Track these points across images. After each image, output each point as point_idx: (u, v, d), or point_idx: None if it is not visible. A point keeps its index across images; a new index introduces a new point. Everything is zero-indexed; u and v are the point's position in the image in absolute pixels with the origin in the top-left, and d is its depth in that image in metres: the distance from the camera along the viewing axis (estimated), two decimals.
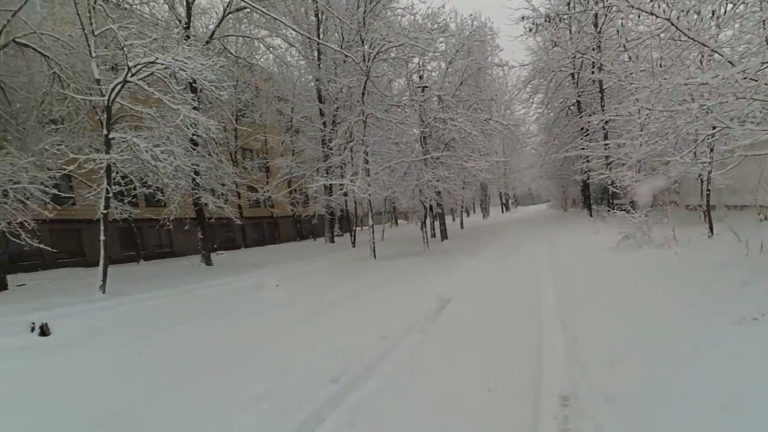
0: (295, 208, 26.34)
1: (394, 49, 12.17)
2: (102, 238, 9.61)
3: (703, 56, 7.83)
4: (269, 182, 24.00)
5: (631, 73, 14.52)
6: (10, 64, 11.72)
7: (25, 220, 9.03)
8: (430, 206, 18.25)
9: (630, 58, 17.31)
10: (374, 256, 13.97)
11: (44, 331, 6.41)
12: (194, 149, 14.15)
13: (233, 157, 27.31)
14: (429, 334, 5.04)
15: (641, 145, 12.26)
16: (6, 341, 5.92)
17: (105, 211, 9.60)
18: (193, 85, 14.00)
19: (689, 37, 5.29)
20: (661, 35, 6.18)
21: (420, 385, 3.60)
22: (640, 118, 12.52)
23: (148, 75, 9.90)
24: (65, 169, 10.29)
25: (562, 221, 22.18)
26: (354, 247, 20.42)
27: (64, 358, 5.28)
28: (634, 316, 4.27)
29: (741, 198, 10.43)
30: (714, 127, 8.81)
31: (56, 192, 9.89)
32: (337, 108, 16.94)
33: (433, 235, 21.78)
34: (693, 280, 5.13)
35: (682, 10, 5.29)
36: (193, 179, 14.64)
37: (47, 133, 11.90)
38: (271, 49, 17.14)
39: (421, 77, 14.95)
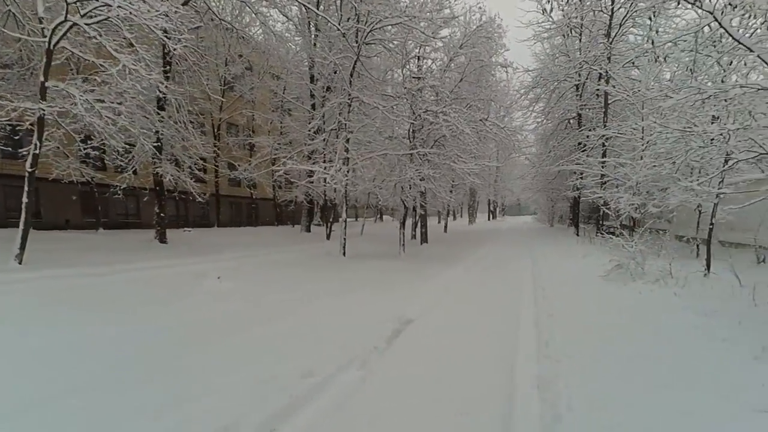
0: (277, 191, 25.08)
1: (390, 29, 11.00)
2: (24, 200, 8.26)
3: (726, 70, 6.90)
4: (250, 161, 22.59)
5: (639, 90, 13.76)
6: None
7: None
8: (414, 207, 17.25)
9: (639, 71, 16.45)
10: (343, 254, 12.85)
11: None
12: (159, 114, 12.81)
13: (215, 130, 25.92)
14: (370, 373, 3.92)
15: (644, 167, 11.48)
16: None
17: (31, 170, 8.25)
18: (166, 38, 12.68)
19: (733, 38, 4.28)
20: (699, 35, 5.15)
21: None
22: (645, 137, 11.73)
23: (104, 19, 8.63)
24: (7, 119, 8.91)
25: (549, 238, 21.35)
26: (328, 239, 19.29)
27: None
28: (638, 399, 3.22)
29: (738, 236, 9.63)
30: (728, 155, 8.03)
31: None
32: (327, 89, 15.66)
33: (414, 237, 20.81)
34: (704, 342, 4.12)
35: (730, 4, 4.27)
36: (156, 146, 13.33)
37: None
38: (258, 15, 15.69)
39: (419, 68, 13.82)
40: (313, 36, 17.34)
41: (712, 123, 7.90)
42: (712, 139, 8.03)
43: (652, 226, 11.16)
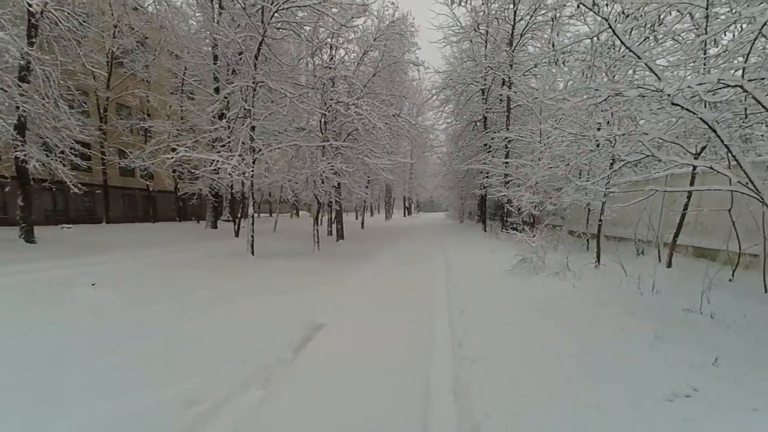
0: (178, 183, 22.58)
1: (299, 12, 10.30)
2: None
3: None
4: (144, 148, 19.94)
5: (537, 97, 14.90)
6: None
7: None
8: (329, 202, 16.71)
9: (537, 81, 17.85)
10: (252, 253, 11.89)
11: None
12: (20, 86, 10.55)
13: (101, 110, 22.56)
14: (271, 393, 3.40)
15: (542, 168, 12.41)
16: None
17: None
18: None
19: (624, 45, 4.56)
20: (595, 41, 5.46)
21: None
22: (543, 141, 12.70)
23: None
24: None
25: (459, 233, 22.34)
26: (237, 237, 17.89)
27: None
28: (552, 396, 3.19)
29: (620, 231, 10.82)
30: (613, 160, 8.92)
31: None
32: (233, 72, 14.36)
33: (330, 233, 20.28)
34: (605, 332, 4.33)
35: (622, 12, 4.55)
36: (17, 126, 10.99)
37: None
38: None
39: (332, 58, 13.29)
40: (216, 13, 15.80)
41: (599, 129, 8.64)
42: (598, 144, 8.84)
43: (549, 223, 12.10)
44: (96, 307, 5.91)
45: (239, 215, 19.85)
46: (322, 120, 11.68)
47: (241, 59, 12.14)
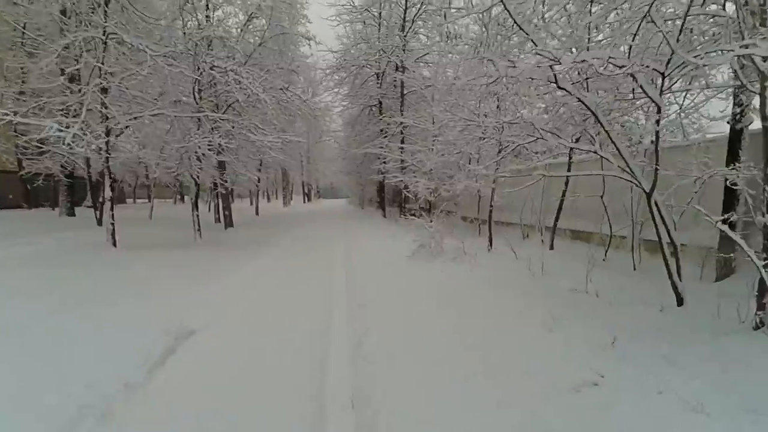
0: (24, 161, 17.95)
1: None
2: None
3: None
4: None
5: (430, 86, 15.15)
6: None
7: None
8: (213, 185, 14.90)
9: (430, 69, 18.21)
10: (114, 244, 9.90)
11: None
12: None
13: None
14: None
15: (436, 154, 12.60)
16: None
17: None
18: None
19: (514, 21, 4.44)
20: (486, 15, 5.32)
21: None
22: (436, 127, 12.90)
23: None
24: None
25: (359, 219, 22.05)
26: (100, 225, 14.94)
27: None
28: (460, 398, 2.84)
29: (507, 216, 11.51)
30: (501, 146, 9.29)
31: None
32: (82, 23, 11.59)
33: (218, 221, 18.30)
34: (505, 319, 4.23)
35: None
36: None
37: None
38: None
39: (208, 18, 11.57)
40: None
41: (486, 116, 8.90)
42: (484, 134, 9.14)
43: (444, 209, 12.37)
44: None
45: (100, 200, 16.66)
46: (196, 87, 10.04)
47: (91, 8, 9.78)
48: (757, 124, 3.92)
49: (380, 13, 20.41)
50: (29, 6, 14.42)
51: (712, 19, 4.45)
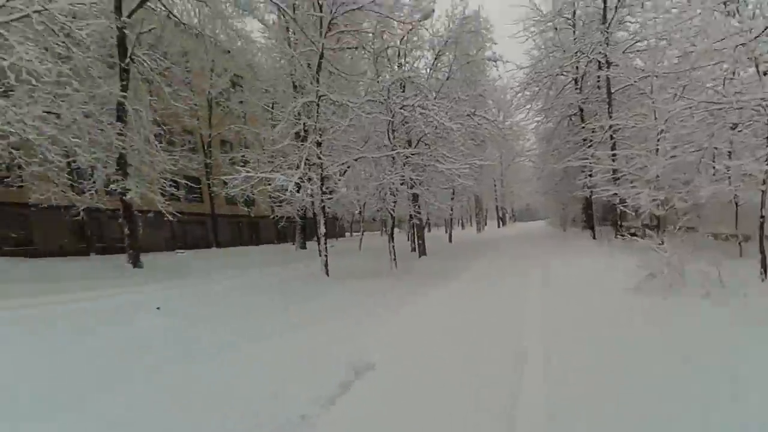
0: (275, 208, 23.97)
1: (358, 16, 9.72)
2: None
3: None
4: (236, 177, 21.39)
5: (647, 76, 12.32)
6: None
7: None
8: (410, 216, 15.82)
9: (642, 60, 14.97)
10: (327, 273, 11.41)
11: None
12: (113, 123, 11.61)
13: (205, 146, 24.85)
14: None
15: (662, 155, 9.92)
16: None
17: None
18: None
19: None
20: None
21: None
22: (660, 121, 10.18)
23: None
24: None
25: (562, 242, 19.48)
26: (321, 257, 17.89)
27: None
28: None
29: None
30: None
31: None
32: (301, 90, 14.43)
33: (413, 249, 19.28)
34: None
35: None
36: (118, 161, 12.18)
37: None
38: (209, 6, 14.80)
39: (400, 65, 12.53)
40: (292, 38, 16.28)
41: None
42: (740, 118, 6.63)
43: (682, 224, 9.46)
44: (137, 338, 5.59)
45: (321, 236, 20.07)
46: (389, 128, 10.79)
47: (308, 78, 12.06)
48: None
49: (574, 12, 18.34)
50: (275, 91, 19.14)
51: None
